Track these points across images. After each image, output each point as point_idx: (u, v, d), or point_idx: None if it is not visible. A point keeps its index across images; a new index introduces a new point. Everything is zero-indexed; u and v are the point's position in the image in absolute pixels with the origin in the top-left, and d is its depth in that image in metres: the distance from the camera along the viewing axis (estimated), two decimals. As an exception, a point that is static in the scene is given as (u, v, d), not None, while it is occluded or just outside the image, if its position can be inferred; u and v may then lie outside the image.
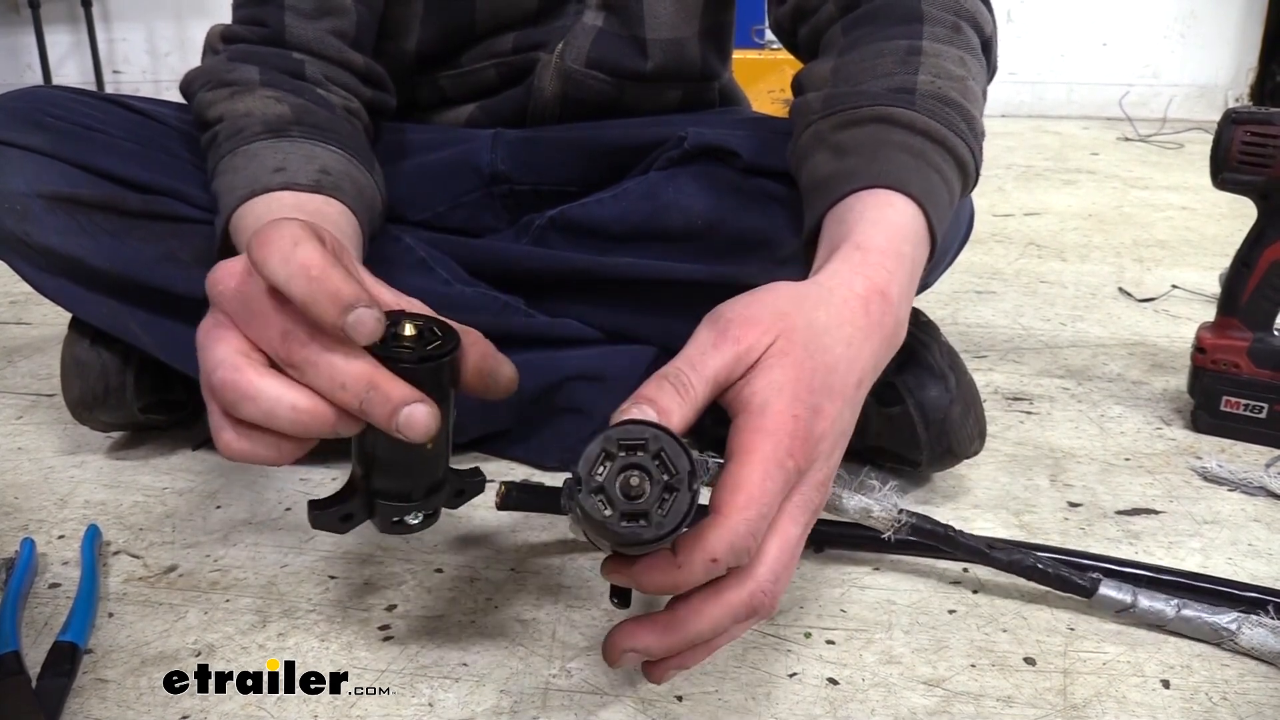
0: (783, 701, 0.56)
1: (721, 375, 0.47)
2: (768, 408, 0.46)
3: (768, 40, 2.86)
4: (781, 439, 0.46)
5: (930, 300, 1.28)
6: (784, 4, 0.76)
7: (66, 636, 0.59)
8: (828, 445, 0.48)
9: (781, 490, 0.46)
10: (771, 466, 0.45)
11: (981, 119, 0.64)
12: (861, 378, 0.51)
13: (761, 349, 0.47)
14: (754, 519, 0.44)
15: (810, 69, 0.69)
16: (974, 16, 0.67)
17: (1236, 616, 0.60)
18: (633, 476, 0.43)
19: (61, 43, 3.48)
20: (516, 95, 0.88)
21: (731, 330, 0.47)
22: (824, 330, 0.49)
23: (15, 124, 0.75)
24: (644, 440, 0.43)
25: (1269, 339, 0.89)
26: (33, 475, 0.84)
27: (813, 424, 0.47)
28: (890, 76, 0.62)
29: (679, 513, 0.43)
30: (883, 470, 0.83)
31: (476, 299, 0.79)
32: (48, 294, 0.78)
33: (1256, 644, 0.60)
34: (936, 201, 0.57)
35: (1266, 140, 0.84)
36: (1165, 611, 0.61)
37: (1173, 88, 3.23)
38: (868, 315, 0.51)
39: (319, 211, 0.62)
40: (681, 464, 0.43)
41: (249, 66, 0.73)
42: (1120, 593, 0.62)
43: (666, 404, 0.45)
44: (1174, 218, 1.81)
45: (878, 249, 0.54)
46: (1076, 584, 0.63)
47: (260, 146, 0.67)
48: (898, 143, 0.59)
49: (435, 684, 0.57)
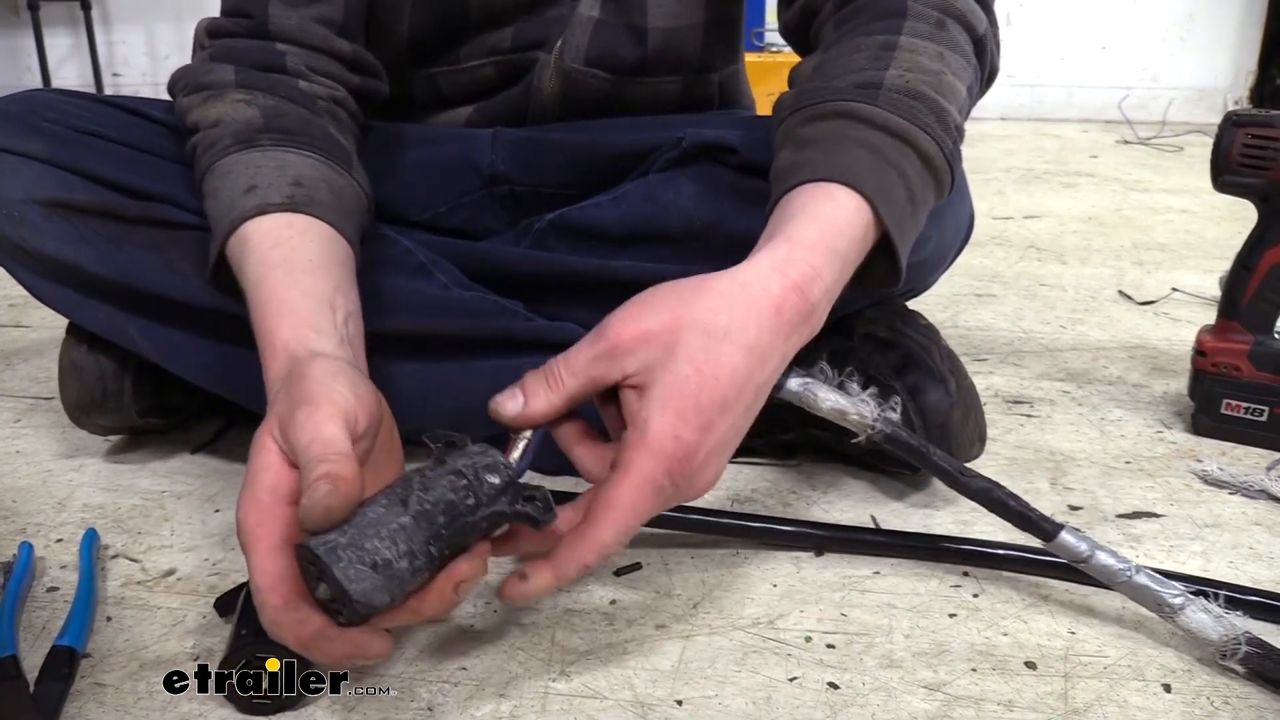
0: (783, 706, 0.56)
1: (595, 371, 0.51)
2: (649, 426, 0.50)
3: (768, 43, 2.86)
4: (660, 460, 0.49)
5: (930, 303, 1.28)
6: (792, 6, 0.76)
7: (64, 640, 0.59)
8: (714, 459, 0.52)
9: (654, 506, 0.51)
10: (646, 487, 0.50)
11: (960, 114, 0.64)
12: (763, 382, 0.53)
13: (638, 348, 0.50)
14: (621, 533, 0.50)
15: (798, 66, 0.69)
16: (963, 15, 0.67)
17: (1183, 594, 0.59)
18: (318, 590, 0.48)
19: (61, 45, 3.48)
20: (515, 96, 0.87)
21: (607, 329, 0.51)
22: (723, 335, 0.50)
23: (12, 129, 0.75)
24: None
25: (1270, 342, 0.88)
26: (31, 479, 0.84)
27: (699, 442, 0.50)
28: (860, 72, 0.62)
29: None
30: (884, 473, 0.83)
31: (476, 303, 0.79)
32: (45, 300, 0.78)
33: (1194, 627, 0.59)
34: (889, 197, 0.57)
35: (1267, 143, 0.84)
36: (1117, 572, 0.60)
37: (1172, 91, 3.23)
38: (779, 317, 0.52)
39: (281, 243, 0.62)
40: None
41: (225, 66, 0.73)
42: (1079, 543, 0.61)
43: (531, 392, 0.52)
44: (1174, 220, 1.81)
45: (807, 243, 0.54)
46: (1038, 525, 0.61)
47: (231, 161, 0.67)
48: (855, 138, 0.59)
49: (434, 688, 0.57)
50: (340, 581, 0.46)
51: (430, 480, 0.49)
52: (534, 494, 0.51)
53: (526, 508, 0.50)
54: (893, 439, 0.61)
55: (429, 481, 0.49)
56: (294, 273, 0.61)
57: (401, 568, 0.47)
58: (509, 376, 0.54)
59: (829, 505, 0.79)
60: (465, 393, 0.75)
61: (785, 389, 0.59)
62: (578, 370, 0.51)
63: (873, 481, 0.82)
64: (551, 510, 0.51)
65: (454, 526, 0.49)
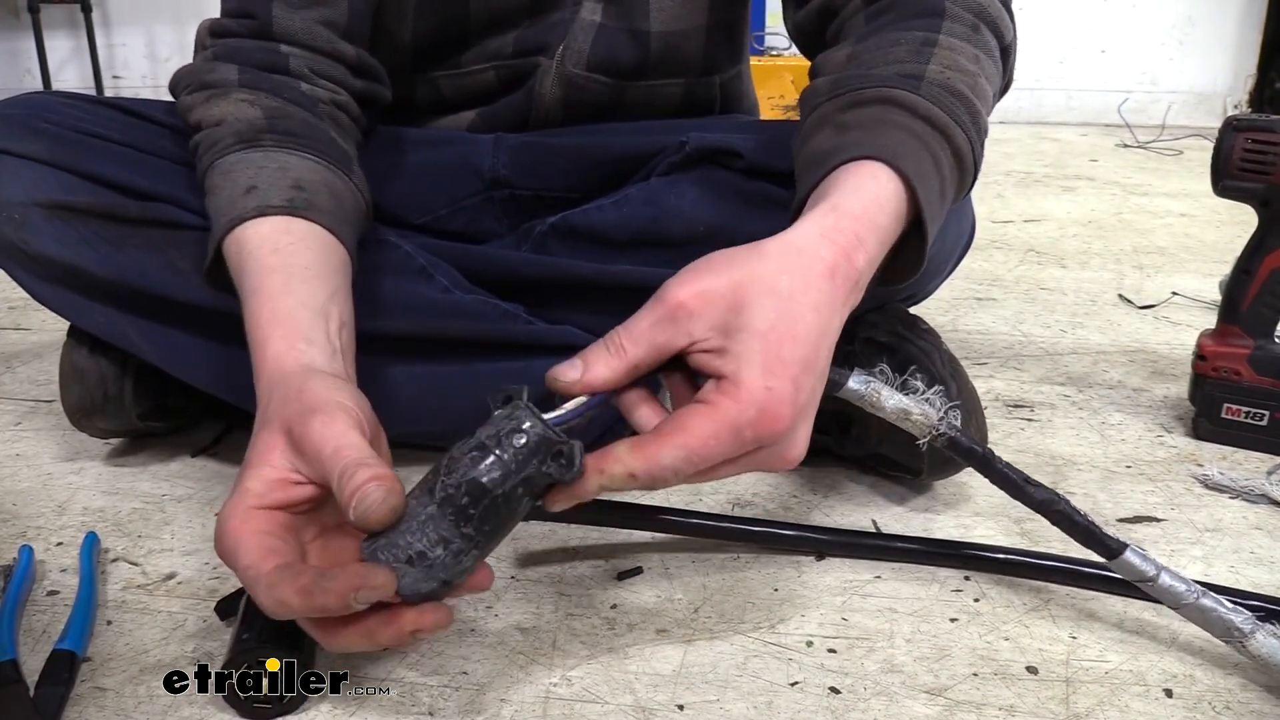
0: (784, 710, 0.56)
1: (659, 337, 0.49)
2: (740, 377, 0.48)
3: (768, 46, 2.87)
4: (750, 408, 0.47)
5: (931, 307, 1.28)
6: (805, 5, 0.76)
7: (65, 644, 0.59)
8: (804, 421, 0.50)
9: (728, 449, 0.48)
10: (726, 427, 0.47)
11: (987, 118, 0.64)
12: (830, 346, 0.51)
13: (704, 311, 0.49)
14: (682, 460, 0.47)
15: (826, 55, 0.69)
16: (995, 22, 0.68)
17: (1251, 619, 0.57)
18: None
19: (61, 48, 3.48)
20: (517, 101, 0.87)
21: (666, 293, 0.50)
22: (789, 296, 0.50)
23: (12, 131, 0.75)
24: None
25: (1270, 346, 0.88)
26: (31, 482, 0.84)
27: (792, 397, 0.48)
28: (901, 64, 0.62)
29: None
30: (885, 478, 0.83)
31: (476, 306, 0.79)
32: (46, 302, 0.78)
33: (1265, 652, 0.57)
34: (926, 184, 0.58)
35: (1267, 148, 0.84)
36: (1183, 595, 0.58)
37: (1171, 94, 3.23)
38: (834, 280, 0.51)
39: (279, 249, 0.62)
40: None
41: (229, 65, 0.73)
42: (1144, 564, 0.59)
43: (593, 360, 0.50)
44: (1173, 224, 1.81)
45: (852, 214, 0.54)
46: (1103, 542, 0.59)
47: (233, 161, 0.67)
48: (896, 123, 0.59)
49: (436, 692, 0.57)
50: None
51: (453, 461, 0.48)
52: (562, 449, 0.48)
53: (550, 467, 0.47)
54: (955, 444, 0.60)
55: (452, 463, 0.48)
56: (290, 281, 0.61)
57: (438, 555, 0.47)
58: (510, 379, 0.54)
59: (830, 509, 0.79)
60: (466, 396, 0.75)
61: (847, 388, 0.58)
62: (640, 337, 0.49)
63: (873, 486, 0.82)
64: (574, 465, 0.47)
65: (482, 504, 0.47)
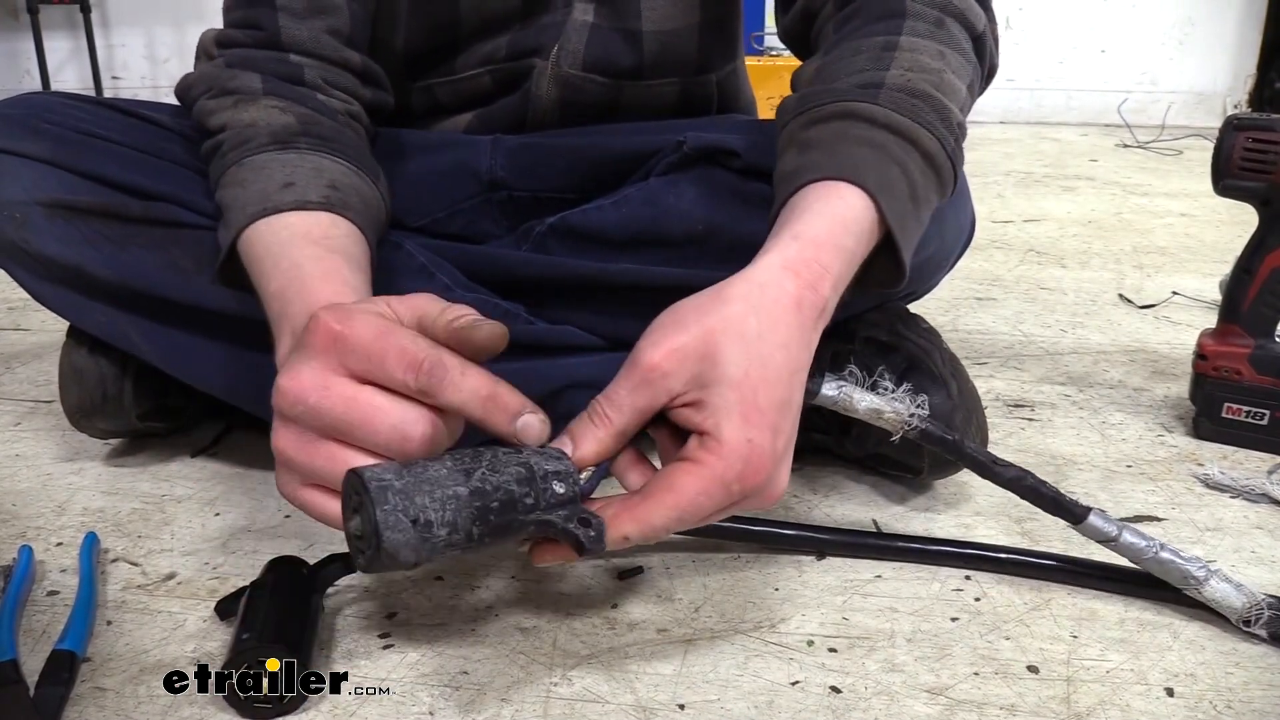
0: (785, 710, 0.56)
1: (639, 401, 0.50)
2: (722, 432, 0.49)
3: (767, 46, 2.87)
4: (734, 463, 0.49)
5: (931, 307, 1.28)
6: (791, 10, 0.76)
7: (65, 645, 0.59)
8: (784, 462, 0.51)
9: (716, 504, 0.49)
10: (714, 482, 0.49)
11: (961, 111, 0.64)
12: (803, 378, 0.53)
13: (677, 368, 0.50)
14: (672, 519, 0.49)
15: (800, 69, 0.70)
16: (962, 13, 0.67)
17: (1205, 567, 0.62)
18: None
19: (60, 48, 3.48)
20: (513, 103, 0.87)
21: (639, 356, 0.51)
22: (758, 338, 0.50)
23: (13, 131, 0.75)
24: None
25: (1270, 346, 0.88)
26: (31, 482, 0.83)
27: (771, 444, 0.50)
28: (861, 73, 0.63)
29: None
30: (885, 477, 0.83)
31: (476, 305, 0.78)
32: (46, 302, 0.78)
33: (1219, 596, 0.62)
34: (893, 194, 0.58)
35: (1268, 147, 0.84)
36: (1144, 550, 0.63)
37: (1171, 94, 3.23)
38: (800, 312, 0.52)
39: (327, 236, 0.62)
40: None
41: (250, 74, 0.73)
42: (1107, 525, 0.63)
43: (581, 435, 0.51)
44: (1174, 224, 1.81)
45: (815, 240, 0.54)
46: (1069, 509, 0.63)
47: (267, 158, 0.67)
48: (857, 136, 0.59)
49: (436, 692, 0.57)
50: (377, 523, 0.44)
51: (500, 462, 0.48)
52: (590, 519, 0.49)
53: (578, 530, 0.49)
54: (927, 434, 0.63)
55: (498, 463, 0.48)
56: (337, 263, 0.60)
57: (439, 535, 0.45)
58: (509, 379, 0.54)
59: (830, 509, 0.79)
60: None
61: (821, 395, 0.61)
62: (621, 404, 0.51)
63: (874, 485, 0.82)
64: (602, 542, 0.49)
65: (504, 517, 0.47)
